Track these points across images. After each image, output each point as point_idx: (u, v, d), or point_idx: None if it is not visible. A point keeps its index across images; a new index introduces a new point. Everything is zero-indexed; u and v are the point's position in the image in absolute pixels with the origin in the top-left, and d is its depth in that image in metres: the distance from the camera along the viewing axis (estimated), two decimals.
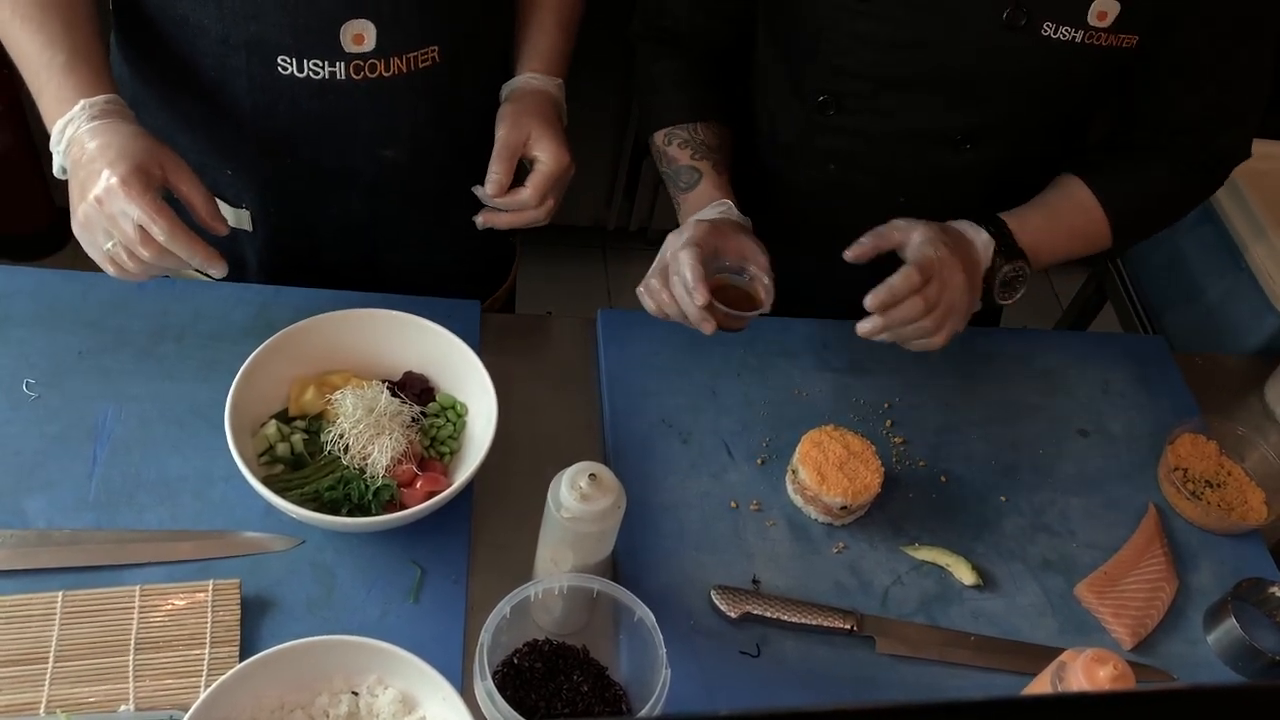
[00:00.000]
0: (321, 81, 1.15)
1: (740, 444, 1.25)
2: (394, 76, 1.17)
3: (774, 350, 1.35)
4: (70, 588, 1.01)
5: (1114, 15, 1.12)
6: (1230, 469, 1.31)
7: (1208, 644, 1.16)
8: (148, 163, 1.03)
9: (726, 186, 1.28)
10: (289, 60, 1.13)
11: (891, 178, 1.30)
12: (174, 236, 1.01)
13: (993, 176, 1.29)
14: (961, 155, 1.25)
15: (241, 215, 1.30)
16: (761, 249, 1.20)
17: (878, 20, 1.17)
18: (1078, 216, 1.28)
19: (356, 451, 1.10)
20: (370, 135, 1.22)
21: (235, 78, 1.16)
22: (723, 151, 1.32)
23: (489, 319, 1.33)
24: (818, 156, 1.31)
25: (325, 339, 1.16)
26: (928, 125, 1.24)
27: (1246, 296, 1.57)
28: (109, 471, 1.11)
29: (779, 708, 0.44)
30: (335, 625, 1.03)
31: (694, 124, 1.32)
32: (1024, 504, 1.25)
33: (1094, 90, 1.24)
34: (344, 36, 1.12)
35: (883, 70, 1.21)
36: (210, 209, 1.09)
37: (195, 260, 1.04)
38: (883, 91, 1.22)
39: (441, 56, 1.19)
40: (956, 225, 1.22)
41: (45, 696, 0.95)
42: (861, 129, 1.26)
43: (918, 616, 1.13)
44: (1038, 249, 1.23)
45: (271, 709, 0.92)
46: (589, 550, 1.01)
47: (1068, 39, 1.14)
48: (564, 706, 0.98)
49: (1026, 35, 1.14)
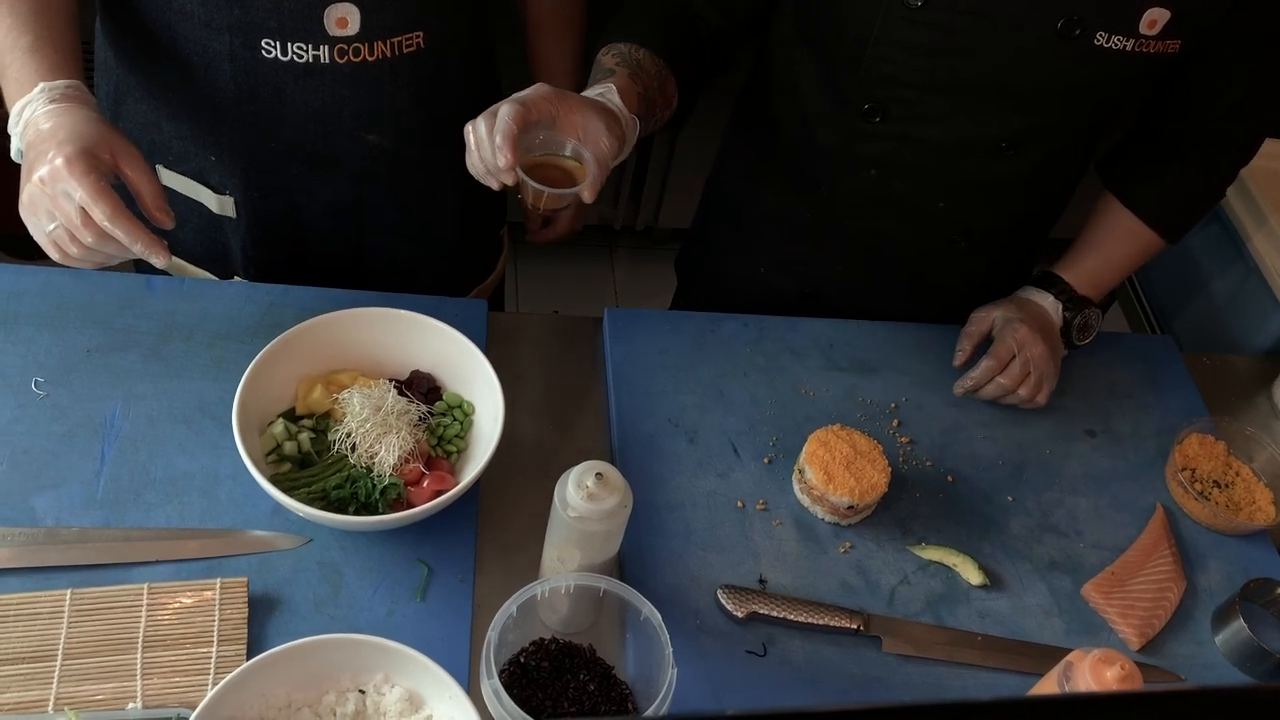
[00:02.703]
0: (305, 65, 1.15)
1: (747, 443, 1.25)
2: (378, 60, 1.17)
3: (781, 350, 1.35)
4: (78, 585, 1.01)
5: (1163, 23, 1.12)
6: (1238, 469, 1.30)
7: (1215, 645, 1.16)
8: (97, 146, 1.01)
9: (632, 95, 1.15)
10: (273, 44, 1.13)
11: (932, 184, 1.30)
12: (115, 220, 0.99)
13: (1030, 179, 1.30)
14: (1003, 161, 1.26)
15: (225, 202, 1.29)
16: (613, 136, 1.06)
17: (929, 28, 1.15)
18: (1128, 245, 1.35)
19: (363, 450, 1.10)
20: (354, 119, 1.22)
21: (219, 62, 1.16)
22: (652, 76, 1.19)
23: (496, 318, 1.33)
24: (858, 163, 1.29)
25: (332, 338, 1.16)
26: (973, 132, 1.24)
27: (1255, 297, 1.57)
28: (117, 470, 1.11)
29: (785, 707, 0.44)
30: (342, 624, 1.03)
31: (638, 47, 1.20)
32: (1031, 504, 1.25)
33: (1133, 93, 1.25)
34: (328, 20, 1.12)
35: (931, 78, 1.19)
36: (157, 199, 1.06)
37: (136, 247, 1.01)
38: (929, 98, 1.21)
39: (426, 42, 1.19)
40: (1025, 295, 1.35)
41: (53, 694, 0.95)
42: (905, 136, 1.25)
43: (924, 616, 1.13)
44: (1099, 287, 1.36)
45: (279, 707, 0.93)
46: (595, 549, 1.01)
47: (1119, 48, 1.13)
48: (570, 705, 0.98)
49: (1080, 45, 1.13)
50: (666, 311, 1.39)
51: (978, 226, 1.35)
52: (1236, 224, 1.61)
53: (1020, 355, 1.27)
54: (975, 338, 1.33)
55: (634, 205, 2.81)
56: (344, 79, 1.17)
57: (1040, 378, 1.28)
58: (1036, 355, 1.28)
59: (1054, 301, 1.34)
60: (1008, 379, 1.27)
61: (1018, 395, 1.28)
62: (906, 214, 1.33)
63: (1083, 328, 1.35)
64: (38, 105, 1.04)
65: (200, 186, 1.29)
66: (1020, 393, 1.28)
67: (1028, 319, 1.30)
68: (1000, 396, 1.29)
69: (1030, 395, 1.28)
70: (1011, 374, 1.27)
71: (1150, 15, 1.12)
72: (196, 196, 1.30)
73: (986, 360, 1.28)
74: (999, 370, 1.27)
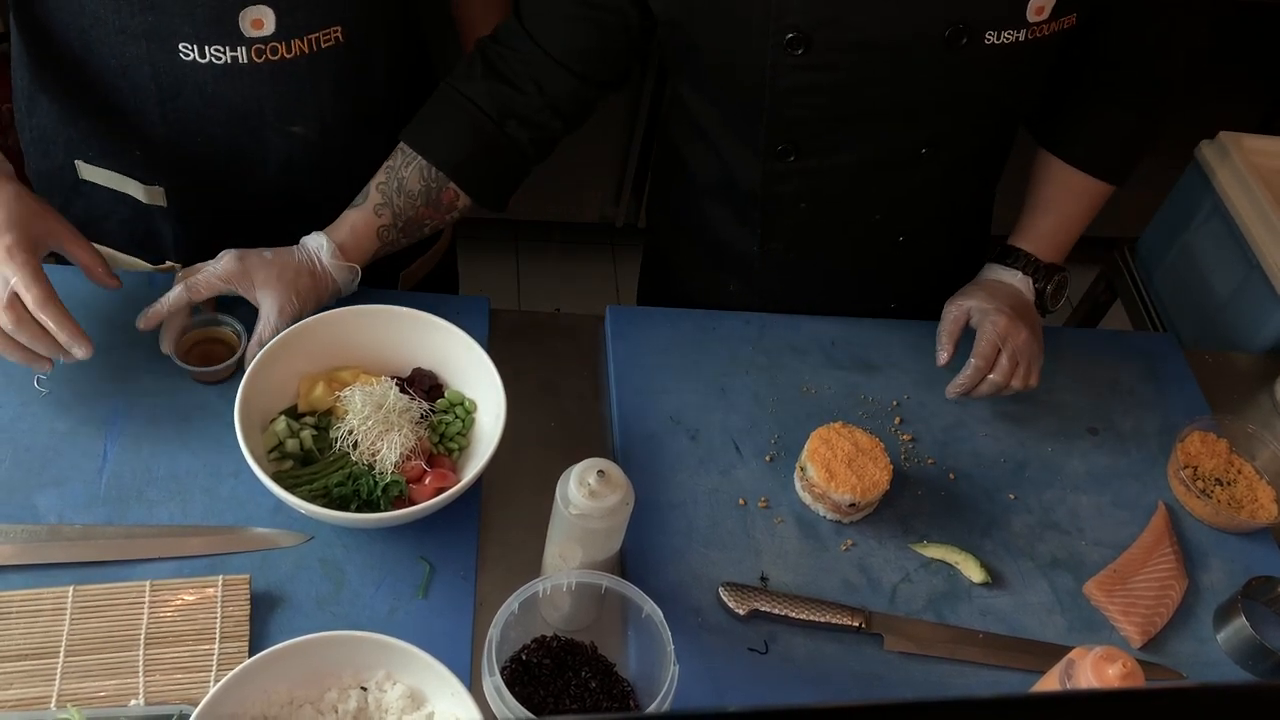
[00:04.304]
0: (224, 66, 1.15)
1: (749, 441, 1.25)
2: (296, 57, 1.17)
3: (782, 347, 1.35)
4: (81, 583, 1.01)
5: (1050, 7, 1.11)
6: (1240, 467, 1.30)
7: (1217, 642, 1.16)
8: (35, 228, 1.04)
9: (369, 231, 1.21)
10: (190, 47, 1.13)
11: (862, 202, 1.29)
12: (44, 306, 1.01)
13: (953, 173, 1.29)
14: (927, 163, 1.25)
15: (154, 192, 1.29)
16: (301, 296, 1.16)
17: (818, 70, 1.14)
18: (1080, 201, 1.34)
19: (365, 448, 1.10)
20: (277, 114, 1.22)
21: (138, 65, 1.16)
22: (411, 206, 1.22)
23: (498, 316, 1.33)
24: (785, 200, 1.29)
25: (334, 335, 1.16)
26: (888, 149, 1.23)
27: (1257, 294, 1.57)
28: (119, 467, 1.11)
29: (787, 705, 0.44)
30: (344, 621, 1.03)
31: (432, 168, 1.21)
32: (1033, 502, 1.25)
33: (1040, 69, 1.23)
34: (243, 22, 1.12)
35: (835, 111, 1.18)
36: (100, 266, 1.12)
37: (62, 335, 1.03)
38: (838, 129, 1.20)
39: (345, 35, 1.19)
40: (992, 277, 1.33)
41: (56, 691, 0.95)
42: (824, 167, 1.24)
43: (926, 614, 1.13)
44: (1061, 249, 1.34)
45: (281, 704, 0.93)
46: (597, 547, 1.01)
47: (1010, 41, 1.12)
48: (572, 703, 0.98)
49: (971, 49, 1.12)
50: (668, 309, 1.39)
51: (916, 226, 1.34)
52: (1238, 221, 1.61)
53: (1005, 348, 1.25)
54: (955, 334, 1.29)
55: (636, 203, 2.81)
56: (264, 77, 1.17)
57: (1029, 363, 1.26)
58: (1020, 343, 1.25)
59: (1022, 278, 1.32)
60: (999, 375, 1.24)
61: (1010, 386, 1.26)
62: (844, 233, 1.33)
63: (1055, 293, 1.33)
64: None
65: (126, 179, 1.29)
66: (1013, 384, 1.26)
67: (1002, 306, 1.27)
68: (994, 393, 1.27)
69: (1023, 384, 1.26)
70: (1002, 369, 1.25)
71: (1035, 3, 1.10)
72: (122, 188, 1.30)
73: (974, 361, 1.25)
74: (988, 369, 1.25)
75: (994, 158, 1.36)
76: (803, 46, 1.11)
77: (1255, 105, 2.75)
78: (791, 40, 1.11)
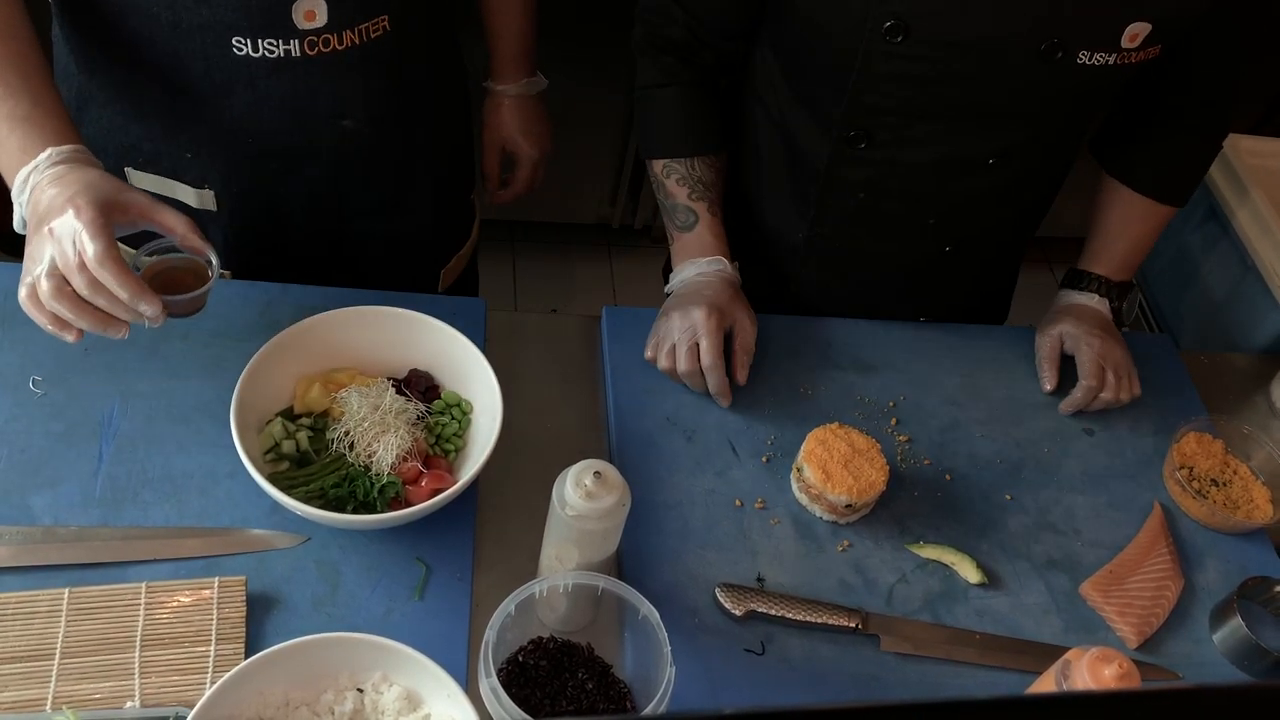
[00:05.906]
0: (277, 59, 1.15)
1: (745, 442, 1.25)
2: (347, 49, 1.18)
3: (779, 348, 1.35)
4: (76, 584, 1.01)
5: (1144, 35, 1.13)
6: (1236, 467, 1.30)
7: (1213, 643, 1.16)
8: (107, 190, 1.02)
9: (721, 232, 1.34)
10: (243, 41, 1.13)
11: (921, 202, 1.31)
12: (103, 262, 0.97)
13: (1017, 186, 1.31)
14: (990, 174, 1.26)
15: (205, 196, 1.29)
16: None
17: (911, 60, 1.15)
18: (1147, 224, 1.39)
19: (361, 449, 1.10)
20: (328, 107, 1.23)
21: (190, 62, 1.16)
22: (717, 188, 1.35)
23: (494, 317, 1.33)
24: (845, 185, 1.30)
25: (330, 336, 1.16)
26: (959, 152, 1.24)
27: (1253, 295, 1.57)
28: (114, 468, 1.11)
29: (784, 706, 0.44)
30: (340, 622, 1.03)
31: (691, 159, 1.34)
32: (1029, 502, 1.25)
33: (1115, 95, 1.27)
34: (296, 14, 1.12)
35: (916, 105, 1.20)
36: (189, 224, 1.07)
37: (124, 292, 0.98)
38: (914, 124, 1.22)
39: (392, 25, 1.20)
40: (1073, 302, 1.40)
41: (51, 693, 0.95)
42: (892, 160, 1.26)
43: (922, 614, 1.13)
44: (1130, 269, 1.41)
45: (277, 706, 0.93)
46: (594, 548, 1.01)
47: (1101, 63, 1.14)
48: (569, 704, 0.98)
49: (1062, 64, 1.13)
50: None
51: (967, 236, 1.36)
52: (1234, 222, 1.61)
53: (1108, 365, 1.33)
54: (1055, 360, 1.36)
55: (632, 204, 2.81)
56: (315, 70, 1.18)
57: (1129, 376, 1.34)
58: (1118, 359, 1.34)
59: (1099, 299, 1.39)
60: (1109, 393, 1.32)
61: (1118, 400, 1.32)
62: (895, 231, 1.35)
63: (1129, 309, 1.41)
64: (44, 170, 1.03)
65: (176, 184, 1.28)
66: (1120, 397, 1.32)
67: (1093, 329, 1.35)
68: (1105, 408, 1.34)
69: (1129, 396, 1.33)
70: (1111, 386, 1.32)
71: (1132, 29, 1.12)
72: (172, 194, 1.30)
73: (1085, 382, 1.32)
74: (1100, 387, 1.32)
75: (1052, 181, 1.39)
76: (901, 35, 1.13)
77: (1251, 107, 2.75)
78: (890, 27, 1.12)
